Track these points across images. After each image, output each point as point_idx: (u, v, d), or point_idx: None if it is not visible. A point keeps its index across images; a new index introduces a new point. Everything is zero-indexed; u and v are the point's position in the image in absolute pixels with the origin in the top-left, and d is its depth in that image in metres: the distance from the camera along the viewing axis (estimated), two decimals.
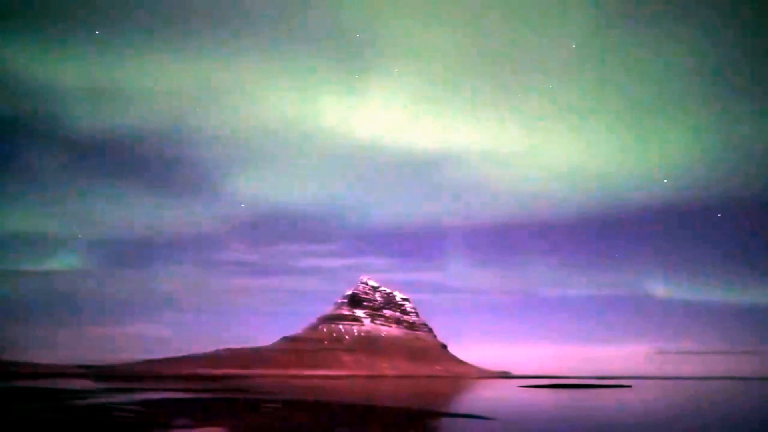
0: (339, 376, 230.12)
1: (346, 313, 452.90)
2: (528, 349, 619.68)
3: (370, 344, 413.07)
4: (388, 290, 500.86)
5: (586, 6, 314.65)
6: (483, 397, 71.82)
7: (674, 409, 49.43)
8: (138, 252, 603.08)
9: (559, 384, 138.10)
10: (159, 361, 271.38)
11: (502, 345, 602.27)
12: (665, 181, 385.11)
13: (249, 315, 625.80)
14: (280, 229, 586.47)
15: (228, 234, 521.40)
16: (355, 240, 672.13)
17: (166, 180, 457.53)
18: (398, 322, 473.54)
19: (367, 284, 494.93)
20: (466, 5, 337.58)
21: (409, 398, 62.70)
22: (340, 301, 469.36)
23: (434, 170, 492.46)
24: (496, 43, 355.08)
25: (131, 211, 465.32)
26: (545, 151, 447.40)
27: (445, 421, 31.96)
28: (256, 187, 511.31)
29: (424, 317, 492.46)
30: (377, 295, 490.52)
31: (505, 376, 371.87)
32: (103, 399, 44.08)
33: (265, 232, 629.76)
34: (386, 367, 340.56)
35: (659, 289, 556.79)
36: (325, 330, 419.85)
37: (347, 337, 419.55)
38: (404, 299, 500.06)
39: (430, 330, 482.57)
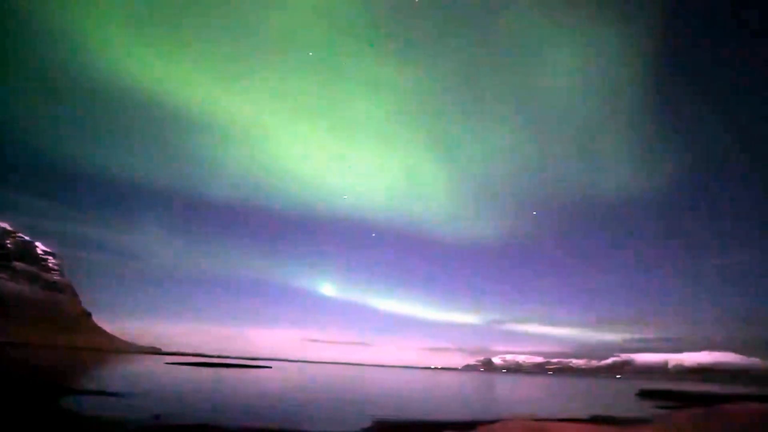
0: None
1: None
2: (181, 326, 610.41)
3: None
4: (28, 239, 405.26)
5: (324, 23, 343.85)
6: (122, 373, 68.69)
7: (287, 387, 60.74)
8: None
9: (206, 363, 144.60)
10: None
11: (156, 320, 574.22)
12: (345, 197, 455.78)
13: None
14: None
15: None
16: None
17: None
18: (34, 279, 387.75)
19: None
20: None
21: (36, 372, 53.07)
22: None
23: (162, 124, 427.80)
24: (243, 19, 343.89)
25: None
26: (279, 141, 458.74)
27: (71, 399, 29.44)
28: None
29: (69, 278, 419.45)
30: (8, 243, 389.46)
31: (155, 351, 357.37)
32: None
33: None
34: (8, 332, 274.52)
35: (327, 287, 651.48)
36: None
37: None
38: (47, 253, 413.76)
39: (75, 294, 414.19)
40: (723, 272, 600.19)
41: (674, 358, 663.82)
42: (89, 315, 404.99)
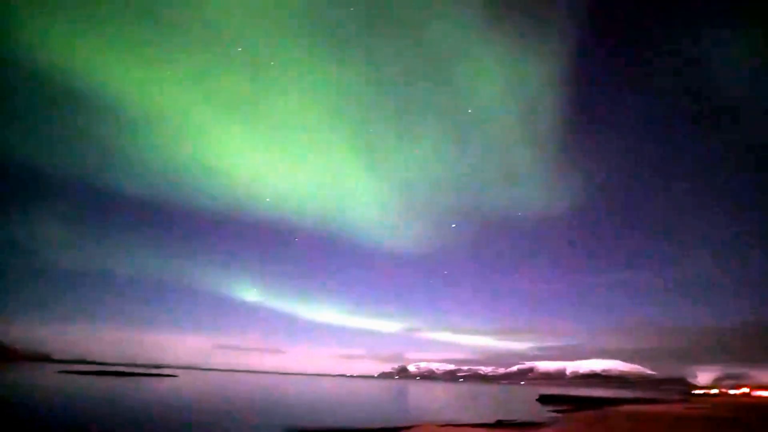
0: None
1: None
2: (77, 331, 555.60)
3: None
4: None
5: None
6: (5, 383, 62.53)
7: (190, 397, 58.02)
8: None
9: (105, 371, 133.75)
10: None
11: (47, 323, 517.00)
12: (267, 200, 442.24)
13: None
14: None
15: None
16: None
17: None
18: None
19: None
20: None
21: None
22: None
23: (65, 107, 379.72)
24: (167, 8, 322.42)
25: None
26: (199, 136, 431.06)
27: None
28: None
29: None
30: None
31: (44, 358, 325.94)
32: None
33: None
34: None
35: (241, 291, 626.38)
36: None
37: None
38: None
39: None
40: (613, 287, 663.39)
41: (571, 366, 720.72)
42: None
